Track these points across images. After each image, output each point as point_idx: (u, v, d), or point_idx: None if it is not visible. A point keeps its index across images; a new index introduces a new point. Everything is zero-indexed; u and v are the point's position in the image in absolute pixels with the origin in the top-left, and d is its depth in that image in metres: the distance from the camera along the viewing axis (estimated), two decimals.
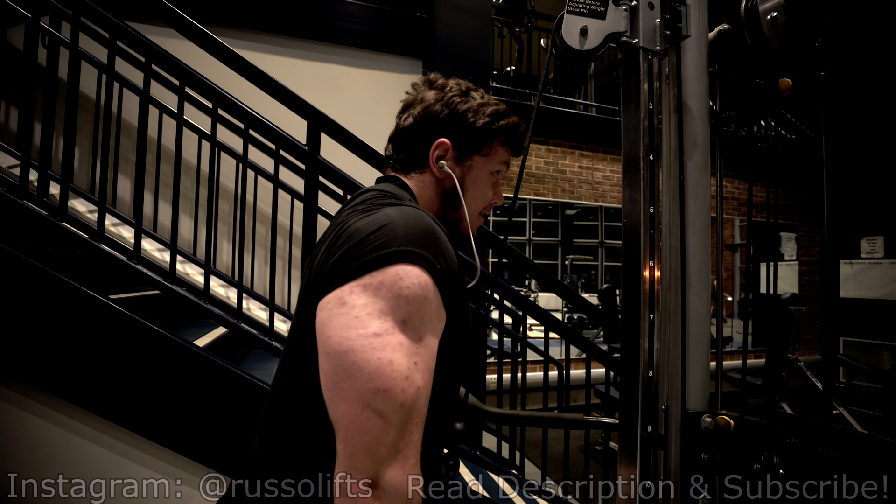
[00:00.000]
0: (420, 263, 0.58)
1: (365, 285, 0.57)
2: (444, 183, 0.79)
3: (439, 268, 0.60)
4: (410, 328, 0.56)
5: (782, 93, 0.82)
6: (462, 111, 0.77)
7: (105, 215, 1.64)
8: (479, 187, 0.80)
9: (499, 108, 0.80)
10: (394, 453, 0.53)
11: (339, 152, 1.86)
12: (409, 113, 0.80)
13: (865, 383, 3.76)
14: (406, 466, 0.54)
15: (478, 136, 0.78)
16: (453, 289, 0.63)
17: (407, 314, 0.56)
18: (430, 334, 0.59)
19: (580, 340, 2.34)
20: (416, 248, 0.59)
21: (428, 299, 0.58)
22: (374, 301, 0.56)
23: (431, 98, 0.78)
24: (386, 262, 0.57)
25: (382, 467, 0.53)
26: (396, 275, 0.57)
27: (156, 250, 2.46)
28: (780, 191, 6.28)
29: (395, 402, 0.53)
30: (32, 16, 1.60)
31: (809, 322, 6.43)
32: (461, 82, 0.81)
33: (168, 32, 1.72)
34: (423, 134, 0.78)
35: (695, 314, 0.77)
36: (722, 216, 0.75)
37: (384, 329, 0.55)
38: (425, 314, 0.58)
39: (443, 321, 0.62)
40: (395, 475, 0.53)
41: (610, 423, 1.97)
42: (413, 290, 0.57)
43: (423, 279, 0.58)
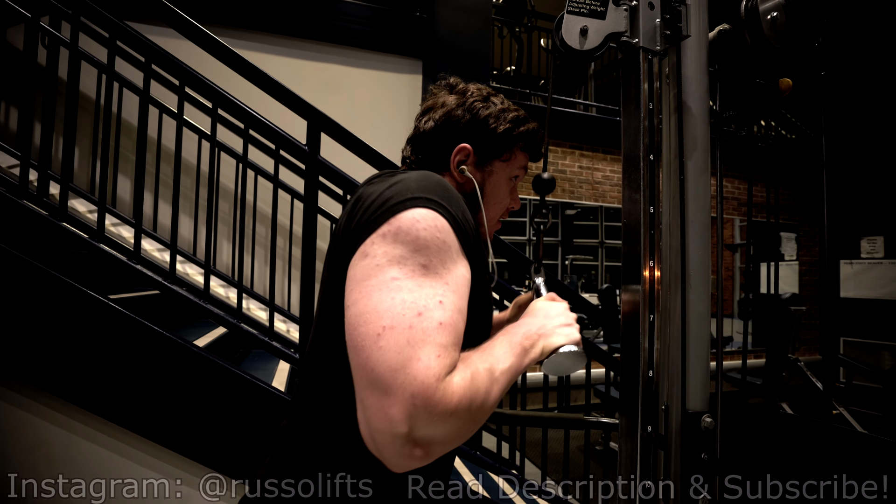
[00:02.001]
0: (435, 208, 0.58)
1: (384, 234, 0.57)
2: (465, 187, 0.79)
3: (455, 215, 0.60)
4: (433, 271, 0.55)
5: (782, 93, 0.82)
6: (484, 117, 0.77)
7: (105, 215, 1.63)
8: (498, 193, 0.81)
9: (519, 114, 0.80)
10: (416, 384, 0.48)
11: (339, 152, 1.86)
12: (429, 116, 0.80)
13: (865, 383, 3.76)
14: (438, 388, 0.49)
15: (499, 142, 0.78)
16: (472, 246, 0.63)
17: (427, 257, 0.56)
18: (456, 277, 0.58)
19: None
20: (430, 195, 0.59)
21: (447, 242, 0.58)
22: (394, 247, 0.56)
23: (453, 103, 0.79)
24: (401, 208, 0.57)
25: (412, 402, 0.48)
26: (413, 218, 0.57)
27: (156, 250, 2.46)
28: (780, 191, 6.27)
29: (401, 338, 0.50)
30: (32, 16, 1.60)
31: (809, 322, 6.43)
32: (482, 87, 0.82)
33: (168, 32, 1.72)
34: (444, 138, 0.78)
35: (695, 314, 0.77)
36: (722, 216, 0.75)
37: (403, 273, 0.54)
38: (447, 257, 0.57)
39: (467, 268, 0.60)
40: (431, 401, 0.48)
41: (610, 423, 1.97)
42: (431, 231, 0.56)
43: (439, 221, 0.58)
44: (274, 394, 1.49)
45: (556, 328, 0.67)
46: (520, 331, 0.65)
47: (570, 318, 0.69)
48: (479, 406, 0.52)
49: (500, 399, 0.56)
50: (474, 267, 0.64)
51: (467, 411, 0.51)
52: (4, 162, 2.09)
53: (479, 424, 0.55)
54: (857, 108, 5.39)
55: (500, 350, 0.60)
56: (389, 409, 0.48)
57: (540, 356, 0.64)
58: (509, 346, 0.61)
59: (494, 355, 0.58)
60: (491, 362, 0.57)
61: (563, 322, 0.68)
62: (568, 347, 0.65)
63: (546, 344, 0.65)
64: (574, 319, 0.70)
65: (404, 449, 0.48)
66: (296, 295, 3.18)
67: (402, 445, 0.48)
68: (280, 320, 2.74)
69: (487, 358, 0.57)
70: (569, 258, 7.37)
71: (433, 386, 0.48)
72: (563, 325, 0.67)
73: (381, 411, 0.48)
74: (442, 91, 0.82)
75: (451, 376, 0.51)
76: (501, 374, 0.57)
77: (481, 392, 0.53)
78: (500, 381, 0.56)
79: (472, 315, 0.64)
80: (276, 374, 2.18)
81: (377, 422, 0.49)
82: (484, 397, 0.53)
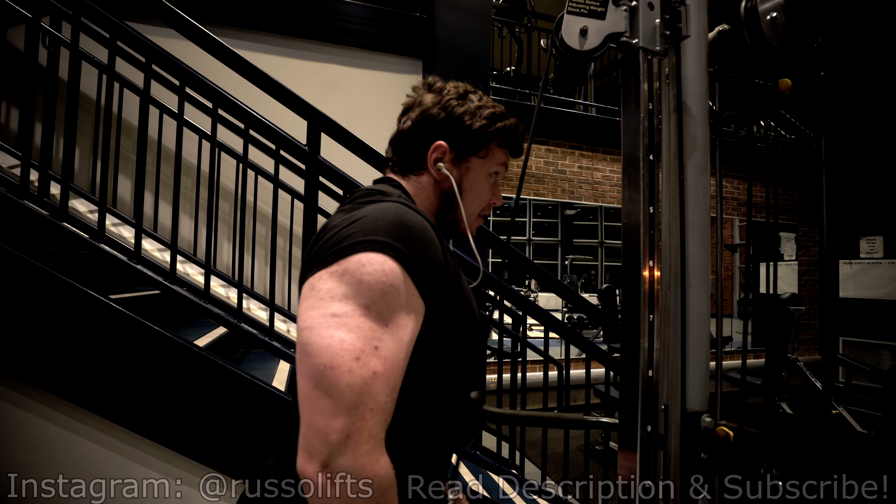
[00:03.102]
0: (385, 251, 0.59)
1: (332, 272, 0.58)
2: (443, 185, 0.80)
3: (410, 257, 0.60)
4: (374, 313, 0.57)
5: (782, 93, 0.82)
6: (459, 114, 0.78)
7: (105, 215, 1.64)
8: (476, 189, 0.81)
9: (496, 111, 0.80)
10: (343, 438, 0.52)
11: (339, 152, 1.86)
12: (407, 116, 0.81)
13: (865, 383, 3.76)
14: (357, 454, 0.52)
15: (475, 139, 0.78)
16: (436, 280, 0.63)
17: (370, 299, 0.57)
18: (399, 322, 0.58)
19: (580, 340, 2.34)
20: (382, 237, 0.60)
21: (394, 286, 0.58)
22: (339, 286, 0.57)
23: (429, 101, 0.79)
24: (350, 251, 0.59)
25: (333, 453, 0.52)
26: (359, 262, 0.58)
27: (156, 250, 2.46)
28: (780, 191, 6.27)
29: (341, 382, 0.53)
30: (33, 16, 1.60)
31: (809, 322, 6.43)
32: (459, 85, 0.82)
33: (168, 32, 1.72)
34: (421, 137, 0.79)
35: (695, 314, 0.78)
36: (722, 216, 0.75)
37: (343, 311, 0.56)
38: (392, 301, 0.58)
39: (417, 311, 0.61)
40: (345, 462, 0.52)
41: (610, 423, 1.97)
42: (375, 276, 0.57)
43: (388, 265, 0.58)
44: (274, 394, 1.49)
45: None
46: None
47: None
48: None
49: None
50: (443, 293, 0.65)
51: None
52: (5, 162, 2.09)
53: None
54: (856, 108, 5.39)
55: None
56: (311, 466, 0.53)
57: None
58: None
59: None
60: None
61: None
62: None
63: None
64: None
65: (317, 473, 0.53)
66: (296, 295, 3.18)
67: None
68: (280, 320, 2.73)
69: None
70: (569, 258, 7.37)
71: (357, 452, 0.53)
72: None
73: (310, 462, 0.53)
74: (421, 91, 0.83)
75: (377, 456, 0.55)
76: None
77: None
78: None
79: (446, 352, 0.67)
80: (277, 373, 2.18)
81: (303, 459, 0.54)
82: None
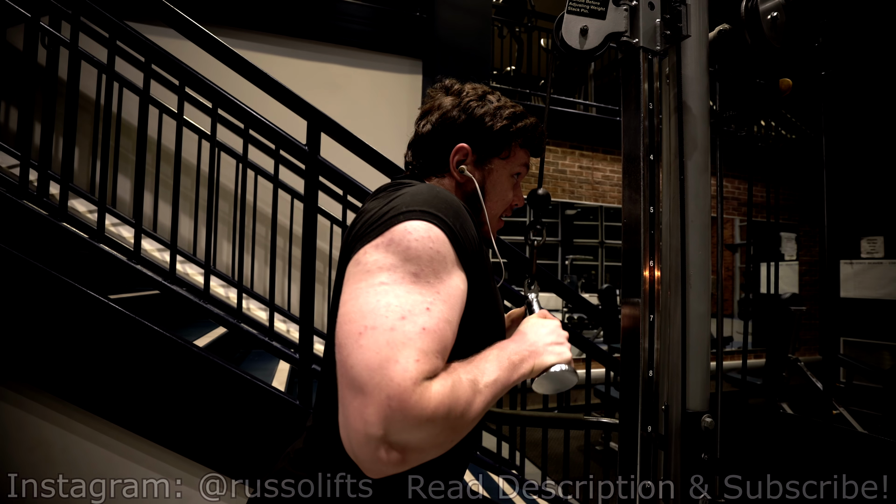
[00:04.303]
0: (429, 219, 0.58)
1: (377, 245, 0.57)
2: (465, 187, 0.79)
3: (452, 226, 0.60)
4: (423, 280, 0.55)
5: (782, 93, 0.82)
6: (479, 115, 0.77)
7: (105, 215, 1.63)
8: (499, 190, 0.81)
9: (516, 111, 0.80)
10: (394, 386, 0.48)
11: (339, 152, 1.86)
12: (427, 119, 0.80)
13: (866, 383, 3.76)
14: (414, 395, 0.49)
15: (496, 140, 0.78)
16: (472, 260, 0.63)
17: (418, 266, 0.55)
18: (449, 287, 0.57)
19: (580, 340, 2.34)
20: (424, 207, 0.59)
21: (441, 253, 0.57)
22: (385, 256, 0.56)
23: (448, 104, 0.79)
24: (394, 221, 0.58)
25: (389, 407, 0.48)
26: (405, 230, 0.57)
27: (156, 250, 2.46)
28: (780, 191, 6.27)
29: (381, 339, 0.50)
30: (32, 16, 1.60)
31: (809, 322, 6.43)
32: (477, 86, 0.82)
33: (168, 32, 1.72)
34: (442, 139, 0.78)
35: (695, 314, 0.77)
36: (722, 216, 0.75)
37: (392, 279, 0.54)
38: (440, 268, 0.57)
39: (464, 281, 0.60)
40: (406, 409, 0.48)
41: (610, 423, 1.97)
42: (423, 242, 0.56)
43: (433, 231, 0.58)
44: (274, 394, 1.49)
45: (547, 346, 0.67)
46: (510, 346, 0.64)
47: (562, 336, 0.69)
48: (459, 416, 0.51)
49: (483, 411, 0.56)
50: (476, 275, 0.64)
51: (445, 419, 0.49)
52: (4, 162, 2.09)
53: (460, 435, 0.54)
54: (857, 108, 5.39)
55: (488, 363, 0.59)
56: (365, 409, 0.47)
57: (530, 374, 0.64)
58: (497, 361, 0.60)
59: (480, 368, 0.58)
60: (475, 374, 0.56)
61: (554, 340, 0.68)
62: (559, 367, 0.65)
63: (537, 362, 0.65)
64: (565, 338, 0.70)
65: (378, 453, 0.47)
66: (296, 295, 3.18)
67: (375, 449, 0.47)
68: (280, 320, 2.74)
69: (472, 369, 0.56)
70: (569, 258, 7.37)
71: (409, 389, 0.47)
72: (554, 342, 0.68)
73: (357, 412, 0.48)
74: (438, 93, 0.82)
75: (431, 382, 0.50)
76: (486, 386, 0.56)
77: (461, 402, 0.51)
78: (484, 392, 0.55)
79: (477, 321, 0.65)
80: (276, 374, 2.18)
81: (353, 422, 0.48)
82: (465, 407, 0.52)
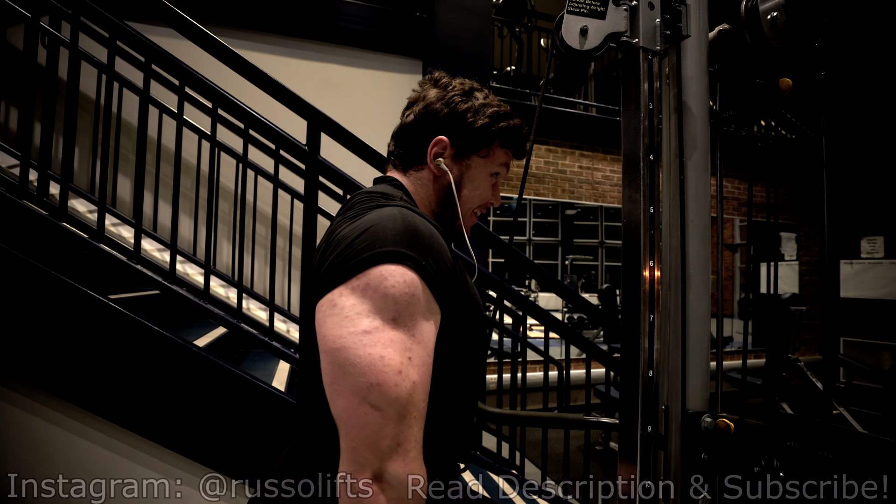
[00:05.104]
0: (403, 262, 0.59)
1: (353, 287, 0.58)
2: (441, 181, 0.79)
3: (424, 264, 0.60)
4: (402, 325, 0.57)
5: (782, 93, 0.82)
6: (462, 111, 0.77)
7: (105, 215, 1.63)
8: (475, 187, 0.81)
9: (500, 110, 0.79)
10: (394, 446, 0.54)
11: (339, 152, 1.86)
12: (411, 110, 0.80)
13: (866, 383, 3.76)
14: (407, 459, 0.55)
15: (476, 137, 0.78)
16: (447, 285, 0.64)
17: (396, 312, 0.57)
18: (423, 330, 0.59)
19: (580, 340, 2.34)
20: (398, 247, 0.60)
21: (416, 296, 0.59)
22: (363, 301, 0.57)
23: (433, 96, 0.79)
24: (369, 263, 0.58)
25: (384, 461, 0.54)
26: (381, 275, 0.58)
27: (156, 250, 2.46)
28: (780, 191, 6.27)
29: (389, 395, 0.54)
30: (32, 16, 1.60)
31: (809, 322, 6.43)
32: (465, 82, 0.81)
33: (168, 32, 1.72)
34: (422, 131, 0.78)
35: (695, 314, 0.77)
36: (722, 216, 0.75)
37: (374, 326, 0.56)
38: (415, 310, 0.59)
39: (436, 315, 0.62)
40: (398, 468, 0.54)
41: (610, 423, 1.97)
42: (399, 288, 0.58)
43: (408, 276, 0.59)
44: (274, 394, 1.49)
45: None
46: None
47: None
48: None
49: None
50: (452, 295, 0.65)
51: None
52: (4, 162, 2.09)
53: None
54: (857, 108, 5.39)
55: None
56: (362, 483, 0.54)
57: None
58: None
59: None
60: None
61: None
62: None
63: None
64: None
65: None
66: (296, 295, 3.18)
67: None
68: (280, 320, 2.74)
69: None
70: (569, 258, 7.37)
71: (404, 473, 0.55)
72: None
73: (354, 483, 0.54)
74: (426, 85, 0.82)
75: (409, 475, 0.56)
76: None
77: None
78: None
79: (458, 352, 0.68)
80: (276, 374, 2.18)
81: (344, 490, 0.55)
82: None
